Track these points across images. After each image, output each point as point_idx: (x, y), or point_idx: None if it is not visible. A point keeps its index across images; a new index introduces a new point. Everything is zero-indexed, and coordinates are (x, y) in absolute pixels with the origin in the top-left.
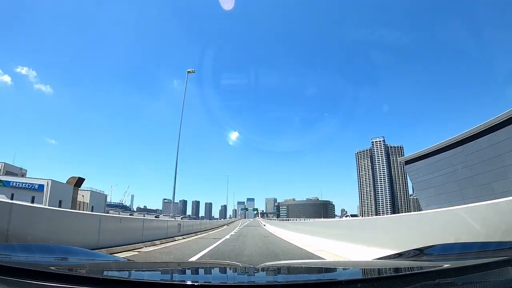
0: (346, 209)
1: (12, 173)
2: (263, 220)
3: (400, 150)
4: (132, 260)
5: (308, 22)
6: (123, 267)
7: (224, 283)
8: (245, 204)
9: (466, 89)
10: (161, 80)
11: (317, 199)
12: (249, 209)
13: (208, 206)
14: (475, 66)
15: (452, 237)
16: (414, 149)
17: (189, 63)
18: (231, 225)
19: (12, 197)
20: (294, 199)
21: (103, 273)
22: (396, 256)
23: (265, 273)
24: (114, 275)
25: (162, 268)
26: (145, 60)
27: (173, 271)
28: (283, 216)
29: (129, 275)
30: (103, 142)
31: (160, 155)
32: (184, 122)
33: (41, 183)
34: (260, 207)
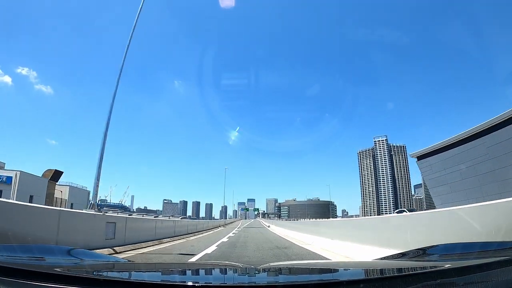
0: (347, 210)
1: None
2: (265, 220)
3: (402, 149)
4: (132, 261)
5: (308, 22)
6: (124, 267)
7: (224, 284)
8: (246, 204)
9: (467, 89)
10: (161, 80)
11: (318, 199)
12: (249, 209)
13: (209, 207)
14: (475, 66)
15: (452, 237)
16: (416, 149)
17: (189, 63)
18: (229, 226)
19: None
20: (295, 199)
21: (104, 274)
22: (398, 256)
23: (265, 273)
24: (114, 276)
25: (162, 268)
26: (145, 61)
27: (174, 271)
28: (284, 217)
29: (129, 276)
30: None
31: (161, 156)
32: (185, 122)
33: (9, 174)
34: (261, 208)
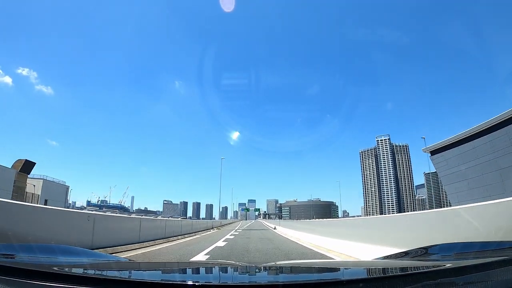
0: (347, 211)
1: None
2: (268, 221)
3: (405, 149)
4: (133, 260)
5: (309, 22)
6: (124, 267)
7: (225, 283)
8: (246, 205)
9: (467, 89)
10: (161, 80)
11: (319, 200)
12: (250, 209)
13: (209, 207)
14: (476, 66)
15: (453, 237)
16: (417, 148)
17: (189, 63)
18: (225, 229)
19: None
20: (296, 200)
21: (104, 273)
22: (399, 255)
23: (266, 272)
24: (114, 275)
25: (163, 268)
26: (146, 61)
27: (174, 271)
28: (285, 217)
29: (130, 275)
30: (104, 143)
31: (161, 156)
32: (185, 122)
33: None
34: (262, 209)
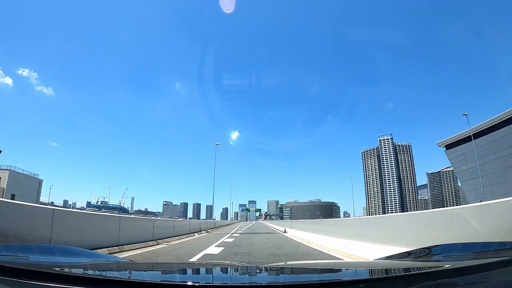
0: (348, 212)
1: None
2: (270, 222)
3: (408, 148)
4: (133, 261)
5: (309, 22)
6: (124, 267)
7: (225, 283)
8: (247, 206)
9: (468, 89)
10: (162, 81)
11: (320, 200)
12: (251, 210)
13: (209, 209)
14: (476, 66)
15: (453, 237)
16: (419, 148)
17: (190, 64)
18: (217, 232)
19: None
20: (298, 201)
21: (103, 273)
22: (402, 255)
23: (267, 273)
24: (114, 276)
25: (163, 268)
26: (146, 61)
27: (174, 271)
28: (286, 218)
29: (130, 275)
30: (104, 143)
31: (161, 157)
32: (185, 122)
33: None
34: (263, 209)
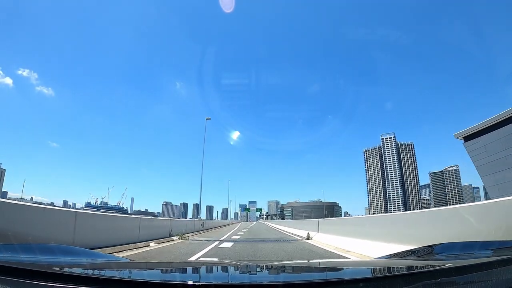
0: (349, 212)
1: None
2: (274, 223)
3: (410, 147)
4: (133, 260)
5: (309, 22)
6: (124, 267)
7: (225, 283)
8: (247, 206)
9: (469, 88)
10: (162, 81)
11: (320, 200)
12: (251, 209)
13: (209, 209)
14: (477, 66)
15: (453, 236)
16: (421, 147)
17: (190, 63)
18: (200, 239)
19: None
20: (299, 201)
21: (104, 273)
22: (401, 254)
23: (267, 272)
24: (114, 275)
25: (163, 268)
26: (146, 62)
27: (174, 270)
28: (287, 218)
29: (130, 275)
30: (103, 144)
31: (161, 157)
32: (185, 122)
33: None
34: (264, 209)
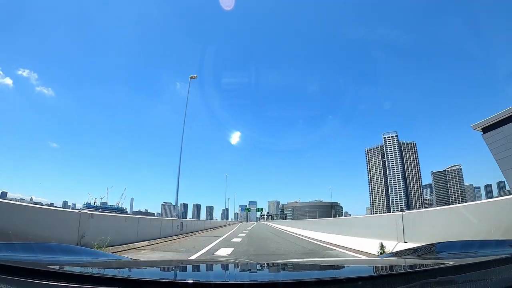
0: (349, 212)
1: None
2: (278, 223)
3: (413, 146)
4: (133, 259)
5: (309, 21)
6: (124, 265)
7: (225, 281)
8: (247, 206)
9: (468, 88)
10: (162, 81)
11: (321, 201)
12: (251, 209)
13: (209, 209)
14: (477, 65)
15: (453, 235)
16: (423, 147)
17: (190, 63)
18: (156, 255)
19: None
20: (300, 201)
21: (104, 271)
22: (403, 253)
23: (267, 271)
24: (114, 274)
25: (163, 266)
26: (146, 61)
27: (175, 269)
28: (288, 219)
29: (130, 273)
30: (103, 144)
31: (162, 158)
32: (185, 122)
33: None
34: (264, 209)
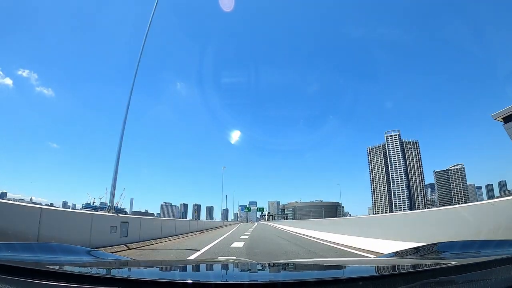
0: (350, 213)
1: None
2: (280, 224)
3: (415, 145)
4: (133, 259)
5: (309, 20)
6: (124, 265)
7: (225, 281)
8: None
9: (469, 87)
10: (162, 81)
11: (321, 201)
12: (251, 209)
13: (210, 209)
14: (477, 65)
15: (453, 235)
16: (426, 147)
17: (190, 63)
18: None
19: None
20: (301, 201)
21: (103, 271)
22: (401, 253)
23: (266, 271)
24: (114, 274)
25: (163, 266)
26: (146, 61)
27: (174, 269)
28: (289, 219)
29: (130, 273)
30: (103, 144)
31: (162, 158)
32: (185, 122)
33: None
34: (265, 209)
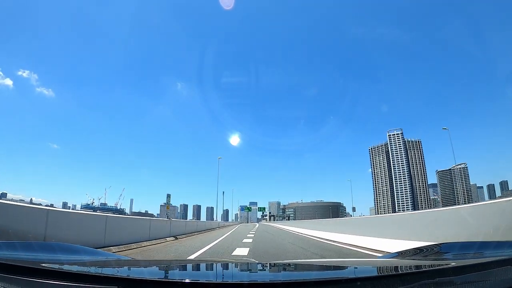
0: (350, 213)
1: None
2: (283, 224)
3: (418, 144)
4: (133, 259)
5: (309, 20)
6: (124, 265)
7: (225, 281)
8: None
9: (469, 87)
10: (162, 81)
11: (322, 201)
12: (252, 209)
13: (210, 210)
14: (477, 65)
15: (452, 236)
16: (427, 147)
17: (189, 63)
18: None
19: None
20: (302, 201)
21: (103, 270)
22: (402, 254)
23: (267, 271)
24: (114, 273)
25: (163, 266)
26: (146, 61)
27: (174, 268)
28: (291, 219)
29: (130, 272)
30: (103, 144)
31: (162, 158)
32: (185, 122)
33: None
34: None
